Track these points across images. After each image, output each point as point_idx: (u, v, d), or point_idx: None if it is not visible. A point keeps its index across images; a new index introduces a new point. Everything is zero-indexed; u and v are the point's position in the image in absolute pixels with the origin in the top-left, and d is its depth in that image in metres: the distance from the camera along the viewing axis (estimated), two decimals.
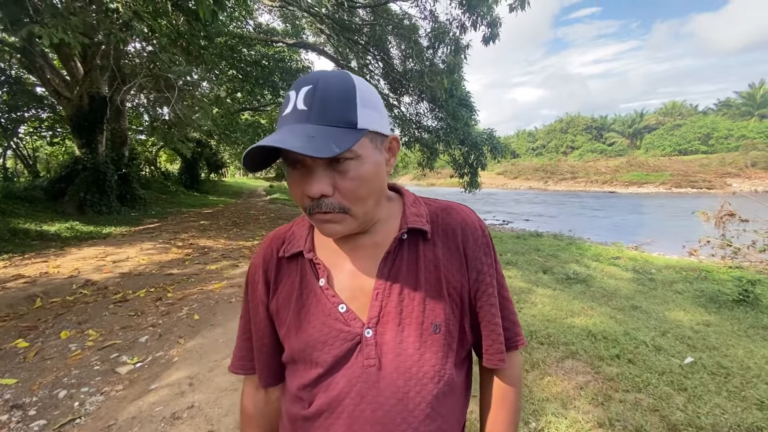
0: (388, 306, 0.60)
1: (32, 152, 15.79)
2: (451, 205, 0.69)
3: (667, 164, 43.40)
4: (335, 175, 0.53)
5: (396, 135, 0.64)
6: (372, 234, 0.64)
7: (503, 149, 13.33)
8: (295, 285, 0.65)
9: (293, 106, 0.52)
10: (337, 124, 0.51)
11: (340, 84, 0.53)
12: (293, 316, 0.63)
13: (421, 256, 0.62)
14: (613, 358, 2.61)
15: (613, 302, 3.90)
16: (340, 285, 0.63)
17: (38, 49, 8.91)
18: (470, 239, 0.65)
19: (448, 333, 0.60)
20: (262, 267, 0.70)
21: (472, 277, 0.64)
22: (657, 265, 5.86)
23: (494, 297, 0.65)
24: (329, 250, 0.66)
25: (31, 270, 4.92)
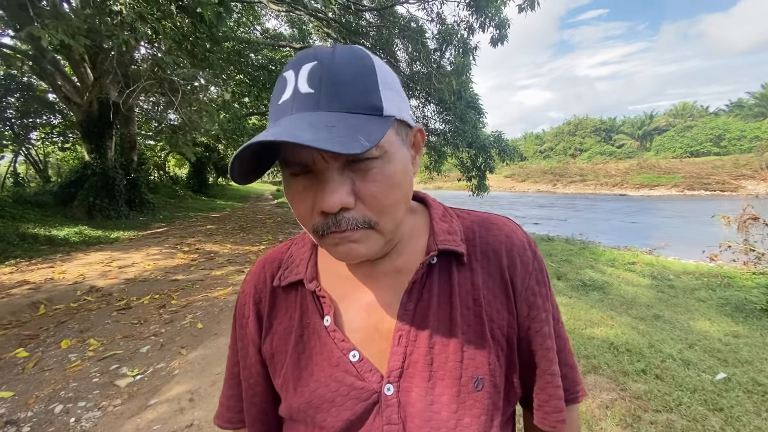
0: (415, 354, 0.46)
1: (43, 158, 15.98)
2: (490, 218, 0.55)
3: (679, 166, 42.71)
4: (356, 180, 0.41)
5: (421, 127, 0.50)
6: (392, 258, 0.50)
7: (512, 152, 13.16)
8: (294, 323, 0.51)
9: (294, 90, 0.40)
10: (358, 110, 0.39)
11: (355, 59, 0.41)
12: (291, 364, 0.50)
13: (456, 287, 0.48)
14: (639, 374, 2.44)
15: (633, 311, 3.72)
16: (351, 325, 0.49)
17: (49, 56, 9.00)
18: (519, 263, 0.50)
19: (493, 389, 0.46)
20: (253, 298, 0.56)
21: (522, 314, 0.50)
22: (675, 271, 5.64)
23: (551, 339, 0.51)
24: (337, 278, 0.52)
25: (37, 276, 4.88)
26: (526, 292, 0.50)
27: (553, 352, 0.51)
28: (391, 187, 0.42)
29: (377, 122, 0.39)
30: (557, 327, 0.53)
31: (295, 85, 0.40)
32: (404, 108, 0.45)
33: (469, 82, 10.75)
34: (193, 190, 21.08)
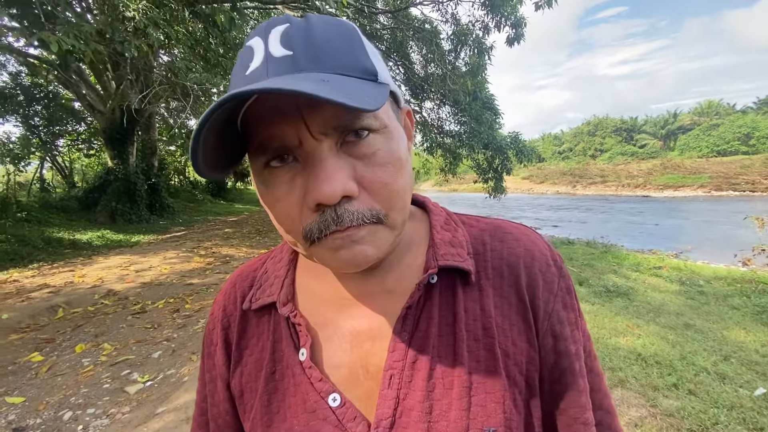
0: (410, 399, 0.36)
1: (69, 164, 16.55)
2: (504, 226, 0.45)
3: (705, 166, 41.14)
4: (356, 163, 0.33)
5: (409, 108, 0.41)
6: (382, 275, 0.41)
7: (530, 153, 12.87)
8: (266, 354, 0.42)
9: (265, 55, 0.32)
10: (350, 73, 0.32)
11: (334, 21, 0.34)
12: (261, 406, 0.41)
13: (462, 313, 0.39)
14: (670, 388, 2.28)
15: (661, 319, 3.52)
16: (332, 360, 0.40)
17: (74, 66, 9.30)
18: (541, 282, 0.41)
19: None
20: (221, 323, 0.47)
21: (545, 346, 0.40)
22: (705, 276, 5.35)
23: (582, 378, 0.41)
24: (318, 300, 0.43)
25: (58, 279, 4.99)
26: (550, 318, 0.40)
27: (586, 395, 0.41)
28: (399, 167, 0.34)
29: (375, 87, 0.32)
30: (590, 361, 0.43)
31: (266, 50, 0.32)
32: (393, 84, 0.36)
33: (485, 83, 10.56)
34: (212, 194, 21.50)
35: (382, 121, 0.34)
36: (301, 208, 0.33)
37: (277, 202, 0.34)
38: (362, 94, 0.29)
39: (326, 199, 0.31)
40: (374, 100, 0.28)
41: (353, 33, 0.34)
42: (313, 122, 0.31)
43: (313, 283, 0.44)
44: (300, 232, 0.34)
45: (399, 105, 0.39)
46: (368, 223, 0.33)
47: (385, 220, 0.34)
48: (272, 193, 0.34)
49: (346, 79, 0.31)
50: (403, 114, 0.40)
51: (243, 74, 0.33)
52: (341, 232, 0.32)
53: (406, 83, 11.91)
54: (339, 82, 0.29)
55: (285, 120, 0.31)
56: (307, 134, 0.31)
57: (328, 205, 0.32)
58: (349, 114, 0.31)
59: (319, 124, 0.31)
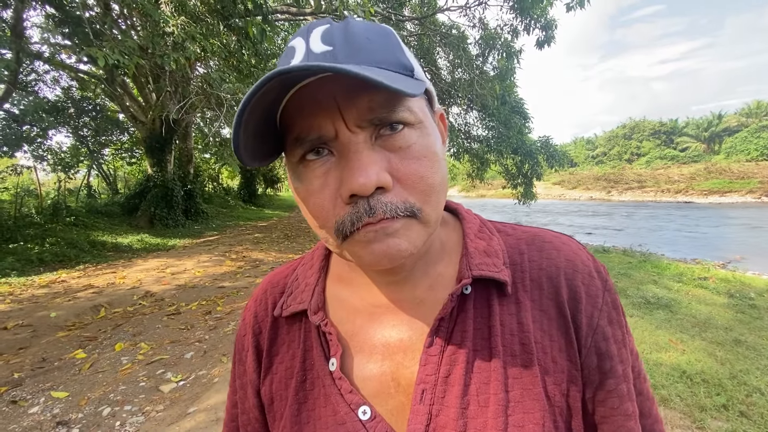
0: (443, 416, 0.35)
1: (113, 171, 17.59)
2: (542, 235, 0.43)
3: (755, 170, 38.43)
4: (391, 156, 0.33)
5: (442, 110, 0.41)
6: (413, 284, 0.40)
7: (561, 157, 12.51)
8: (297, 362, 0.42)
9: (306, 51, 0.33)
10: (388, 67, 0.32)
11: (372, 24, 0.35)
12: (291, 416, 0.40)
13: (498, 327, 0.37)
14: (719, 409, 2.11)
15: (707, 334, 3.29)
16: (362, 371, 0.39)
17: (119, 79, 9.92)
18: (584, 296, 0.39)
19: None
20: (253, 329, 0.47)
21: (589, 365, 0.38)
22: (757, 288, 4.96)
23: (631, 401, 0.38)
24: (348, 309, 0.42)
25: (101, 280, 5.28)
26: (594, 335, 0.38)
27: (635, 421, 0.38)
28: (434, 162, 0.34)
29: (412, 80, 0.33)
30: (639, 383, 0.40)
31: (307, 47, 0.33)
32: (430, 85, 0.37)
33: (514, 86, 10.39)
34: (243, 200, 22.20)
35: (417, 116, 0.34)
36: (335, 202, 0.33)
37: (311, 195, 0.34)
38: (399, 81, 0.29)
39: (360, 190, 0.31)
40: (410, 87, 0.29)
41: (390, 33, 0.35)
42: (349, 114, 0.31)
43: (344, 292, 0.44)
44: (333, 227, 0.34)
45: (433, 107, 0.39)
46: (402, 216, 0.32)
47: (419, 214, 0.33)
48: (306, 187, 0.34)
49: (383, 71, 0.31)
50: (437, 116, 0.40)
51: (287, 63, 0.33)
52: (374, 224, 0.32)
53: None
54: (378, 72, 0.30)
55: (322, 112, 0.31)
56: (343, 126, 0.32)
57: (361, 197, 0.32)
58: (385, 107, 0.32)
59: (355, 116, 0.31)
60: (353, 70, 0.26)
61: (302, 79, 0.31)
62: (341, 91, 0.31)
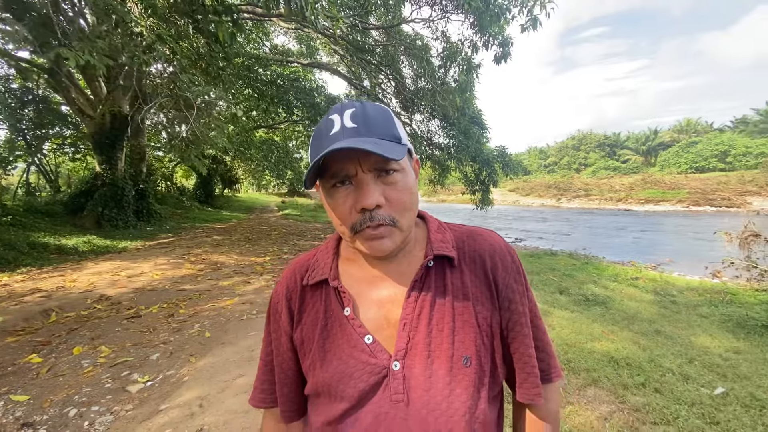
0: (416, 337, 0.57)
1: (54, 168, 16.30)
2: (476, 230, 0.67)
3: (684, 182, 42.49)
4: (385, 188, 0.56)
5: (417, 158, 0.65)
6: (397, 262, 0.63)
7: (515, 166, 13.27)
8: (320, 314, 0.63)
9: (341, 126, 0.55)
10: (386, 138, 0.55)
11: (379, 107, 0.58)
12: (318, 347, 0.61)
13: (449, 285, 0.60)
14: (638, 387, 2.48)
15: (634, 326, 3.76)
16: (365, 315, 0.61)
17: (65, 70, 9.30)
18: (500, 266, 0.63)
19: (479, 366, 0.57)
20: (286, 296, 0.68)
21: (503, 307, 0.62)
22: (679, 287, 5.65)
23: (527, 327, 0.63)
24: (354, 278, 0.64)
25: (48, 284, 4.99)
26: (506, 289, 0.62)
27: (529, 339, 0.62)
28: (409, 193, 0.58)
29: (399, 146, 0.56)
30: (534, 318, 0.65)
31: (342, 123, 0.55)
32: (410, 144, 0.60)
33: (473, 99, 10.92)
34: (200, 201, 21.32)
35: (401, 165, 0.58)
36: (351, 212, 0.56)
37: (338, 207, 0.57)
38: (392, 150, 0.53)
39: (367, 206, 0.54)
40: (398, 154, 0.53)
41: (389, 114, 0.58)
42: (364, 164, 0.55)
43: (351, 267, 0.65)
44: (349, 226, 0.57)
45: (412, 156, 0.63)
46: (388, 224, 0.55)
47: (398, 224, 0.56)
48: (335, 202, 0.57)
49: (384, 142, 0.55)
50: (413, 161, 0.64)
51: (327, 134, 0.56)
52: (373, 229, 0.55)
53: (397, 96, 12.21)
54: (380, 143, 0.53)
55: (350, 161, 0.55)
56: (360, 169, 0.55)
57: (367, 209, 0.54)
58: (384, 162, 0.55)
59: (368, 165, 0.55)
60: (369, 148, 0.50)
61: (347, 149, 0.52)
62: (362, 152, 0.53)
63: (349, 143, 0.51)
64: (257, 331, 3.49)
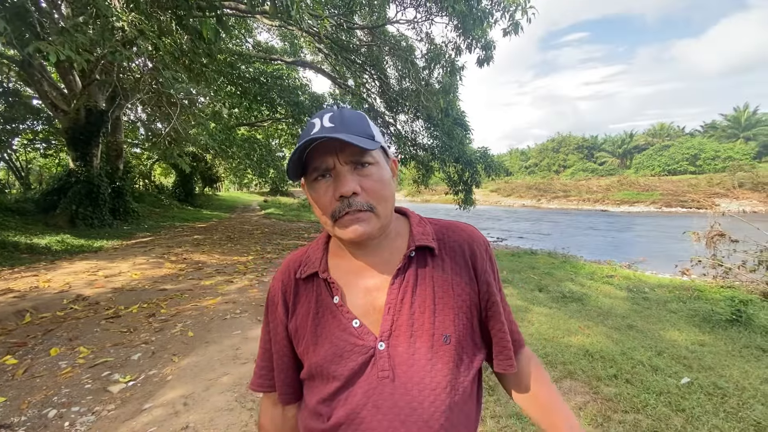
0: (400, 319, 0.63)
1: (25, 164, 15.66)
2: (455, 223, 0.74)
3: (657, 184, 44.10)
4: (361, 179, 0.61)
5: (395, 158, 0.72)
6: (381, 252, 0.69)
7: (497, 167, 13.52)
8: (312, 304, 0.68)
9: (321, 126, 0.61)
10: (361, 135, 0.61)
11: (355, 112, 0.66)
12: (310, 333, 0.67)
13: (430, 272, 0.67)
14: (611, 378, 2.61)
15: (609, 321, 3.92)
16: (353, 302, 0.66)
17: (37, 63, 8.96)
18: (478, 254, 0.70)
19: (458, 343, 0.63)
20: (281, 289, 0.73)
21: (482, 290, 0.69)
22: (650, 284, 5.90)
23: (500, 306, 0.70)
24: (342, 270, 0.69)
25: (21, 284, 4.83)
26: (484, 274, 0.69)
27: (503, 317, 0.70)
28: (383, 183, 0.63)
29: (372, 142, 0.62)
30: (502, 301, 0.73)
31: (321, 123, 0.62)
32: (385, 145, 0.67)
33: (457, 100, 11.08)
34: (179, 200, 20.85)
35: (376, 159, 0.64)
36: (331, 200, 0.62)
37: (319, 197, 0.63)
38: (364, 143, 0.59)
39: (345, 193, 0.60)
40: (369, 146, 0.60)
41: (364, 117, 0.66)
42: (341, 156, 0.61)
43: (339, 261, 0.71)
44: (329, 214, 0.62)
45: (388, 155, 0.70)
46: (365, 210, 0.61)
47: (374, 210, 0.62)
48: (317, 193, 0.63)
49: (358, 137, 0.60)
50: (390, 161, 0.70)
51: (309, 134, 0.61)
52: (350, 214, 0.61)
53: (381, 96, 12.26)
54: (355, 138, 0.59)
55: (329, 154, 0.61)
56: (338, 162, 0.61)
57: (345, 197, 0.60)
58: (359, 154, 0.61)
59: (344, 157, 0.61)
60: (343, 137, 0.57)
61: (319, 139, 0.59)
62: (338, 145, 0.60)
63: (326, 134, 0.58)
64: (241, 330, 3.48)
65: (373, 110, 12.21)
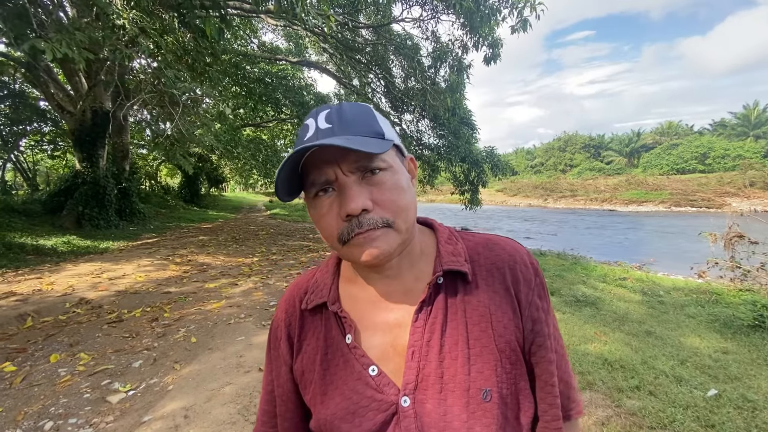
0: (427, 368, 0.50)
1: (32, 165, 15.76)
2: (493, 239, 0.59)
3: (666, 183, 43.57)
4: (372, 189, 0.49)
5: (412, 156, 0.58)
6: (401, 279, 0.55)
7: (504, 167, 13.34)
8: (320, 342, 0.56)
9: (315, 128, 0.49)
10: (365, 135, 0.49)
11: (357, 105, 0.52)
12: (318, 379, 0.54)
13: (463, 304, 0.53)
14: (633, 390, 2.47)
15: (625, 327, 3.77)
16: (369, 342, 0.53)
17: (43, 64, 8.97)
18: (522, 280, 0.55)
19: (501, 400, 0.49)
20: (285, 322, 0.61)
21: (527, 328, 0.53)
22: (665, 287, 5.73)
23: (552, 352, 0.55)
24: (355, 300, 0.57)
25: (24, 287, 4.78)
26: (530, 307, 0.54)
27: (554, 366, 0.55)
28: (401, 191, 0.50)
29: (382, 141, 0.49)
30: (555, 343, 0.57)
31: (316, 125, 0.49)
32: (398, 138, 0.53)
33: (463, 99, 10.93)
34: (185, 201, 20.90)
35: (388, 162, 0.50)
36: (337, 220, 0.49)
37: (322, 217, 0.50)
38: (371, 145, 0.46)
39: (352, 211, 0.47)
40: (376, 148, 0.45)
41: (369, 110, 0.52)
42: (343, 165, 0.48)
43: (352, 288, 0.58)
44: (336, 237, 0.49)
45: (404, 155, 0.56)
46: (381, 227, 0.48)
47: (393, 225, 0.49)
48: (319, 212, 0.50)
49: (362, 138, 0.48)
50: (406, 160, 0.56)
51: (303, 139, 0.50)
52: (362, 234, 0.47)
53: (387, 95, 12.16)
54: (357, 140, 0.46)
55: (327, 164, 0.48)
56: (340, 172, 0.48)
57: (353, 216, 0.47)
58: (365, 160, 0.48)
59: (347, 166, 0.48)
60: (340, 143, 0.44)
61: (311, 149, 0.46)
62: (338, 152, 0.47)
63: (320, 141, 0.45)
64: (245, 336, 3.38)
65: (378, 110, 12.10)
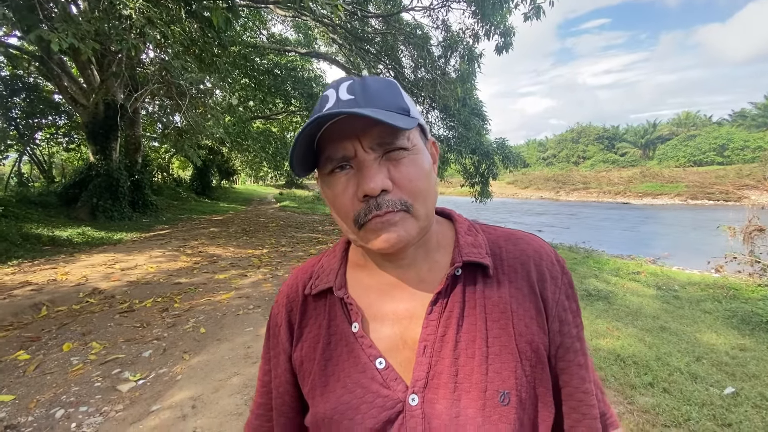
0: (440, 365, 0.45)
1: (48, 158, 16.07)
2: (516, 233, 0.55)
3: (682, 175, 42.51)
4: (391, 168, 0.45)
5: (434, 140, 0.53)
6: (416, 267, 0.51)
7: (515, 158, 13.15)
8: (323, 330, 0.52)
9: (336, 99, 0.45)
10: (390, 109, 0.45)
11: (382, 79, 0.48)
12: (318, 370, 0.50)
13: (482, 299, 0.48)
14: (646, 387, 2.41)
15: (639, 322, 3.69)
16: (377, 333, 0.50)
17: (56, 58, 9.08)
18: (548, 278, 0.50)
19: (519, 404, 0.45)
20: (286, 307, 0.57)
21: (554, 329, 0.49)
22: (680, 281, 5.59)
23: (583, 356, 0.50)
24: (364, 287, 0.53)
25: (40, 277, 4.88)
26: (557, 307, 0.49)
27: (585, 370, 0.50)
28: (421, 173, 0.46)
29: (407, 118, 0.45)
30: (582, 349, 0.52)
31: (337, 96, 0.45)
32: (423, 121, 0.49)
33: (474, 89, 10.76)
34: (197, 193, 21.15)
35: (412, 142, 0.47)
36: (353, 200, 0.45)
37: (337, 197, 0.47)
38: (397, 119, 0.42)
39: (371, 191, 0.43)
40: (405, 123, 0.42)
41: (394, 84, 0.48)
42: (364, 140, 0.44)
43: (361, 274, 0.54)
44: (352, 218, 0.46)
45: (426, 137, 0.52)
46: (399, 210, 0.44)
47: (411, 209, 0.45)
48: (334, 191, 0.47)
49: (387, 112, 0.43)
50: (429, 144, 0.52)
51: (321, 110, 0.45)
52: (380, 216, 0.44)
53: None
54: (383, 113, 0.42)
55: (347, 139, 0.44)
56: (360, 148, 0.44)
57: (371, 196, 0.44)
58: (389, 136, 0.44)
59: (368, 142, 0.44)
60: (366, 113, 0.40)
61: (334, 117, 0.42)
62: (360, 125, 0.43)
63: (342, 109, 0.42)
64: (254, 327, 3.40)
65: None
